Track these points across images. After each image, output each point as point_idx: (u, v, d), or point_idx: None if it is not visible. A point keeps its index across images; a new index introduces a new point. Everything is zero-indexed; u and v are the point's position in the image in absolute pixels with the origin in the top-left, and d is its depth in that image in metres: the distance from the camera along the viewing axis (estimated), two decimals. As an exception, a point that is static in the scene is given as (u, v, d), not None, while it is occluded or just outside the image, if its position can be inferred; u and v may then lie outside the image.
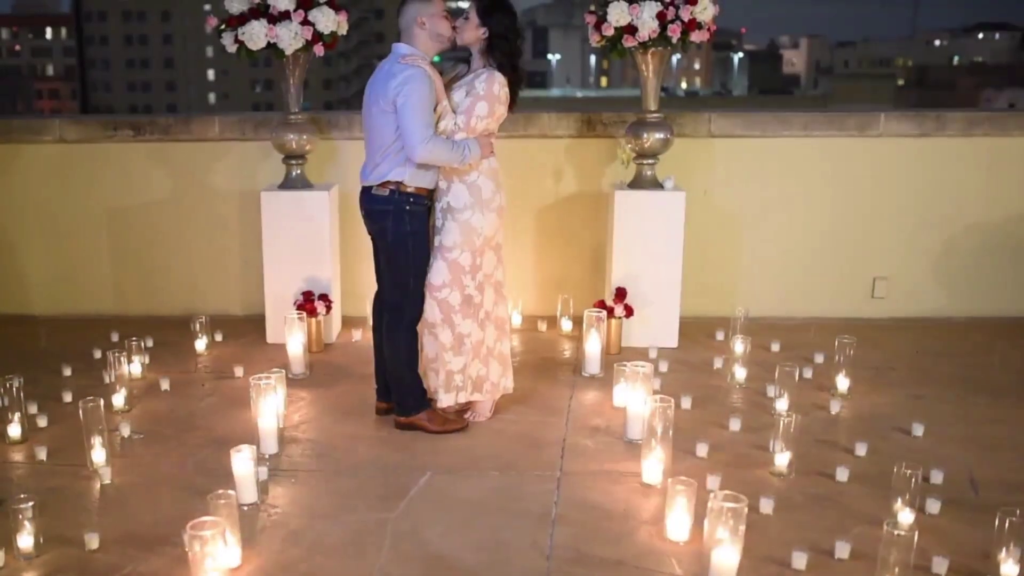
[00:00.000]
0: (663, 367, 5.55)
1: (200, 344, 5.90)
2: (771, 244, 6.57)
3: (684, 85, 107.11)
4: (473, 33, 4.46)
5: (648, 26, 5.38)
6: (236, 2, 5.54)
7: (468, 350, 4.66)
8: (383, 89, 4.38)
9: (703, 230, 6.36)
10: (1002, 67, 79.69)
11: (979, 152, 6.45)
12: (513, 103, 4.57)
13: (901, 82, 78.53)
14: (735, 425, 4.72)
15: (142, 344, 5.59)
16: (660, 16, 5.38)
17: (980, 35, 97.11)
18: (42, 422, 4.78)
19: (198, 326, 5.89)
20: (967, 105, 57.39)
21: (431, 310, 4.59)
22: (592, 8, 5.69)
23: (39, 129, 6.59)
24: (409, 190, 4.45)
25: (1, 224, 6.67)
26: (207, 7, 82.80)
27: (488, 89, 4.42)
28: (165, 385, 5.30)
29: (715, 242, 6.50)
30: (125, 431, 4.67)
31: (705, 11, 5.47)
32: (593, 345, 5.46)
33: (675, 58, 5.70)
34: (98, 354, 5.72)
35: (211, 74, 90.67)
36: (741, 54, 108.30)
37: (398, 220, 4.47)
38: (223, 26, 5.60)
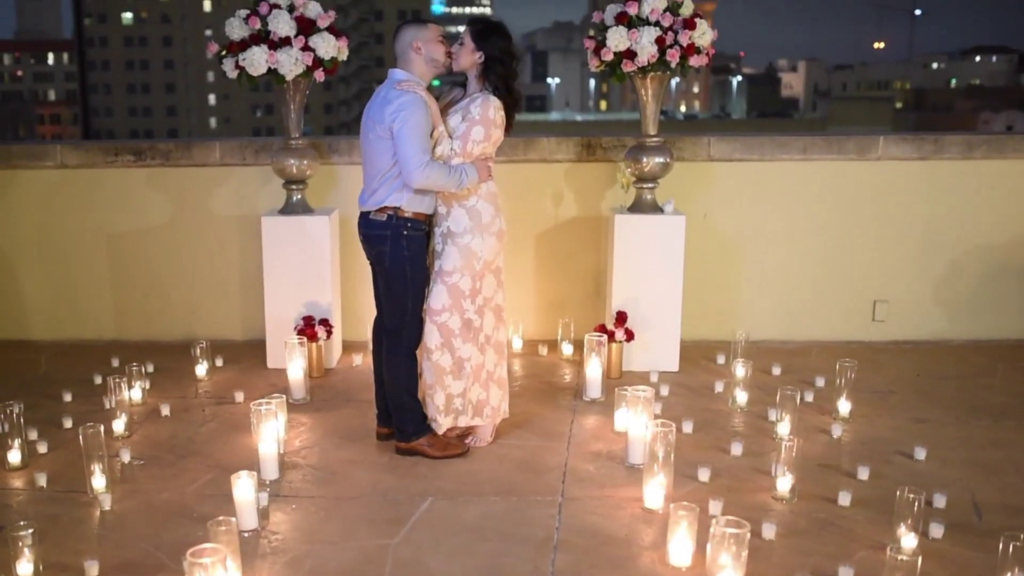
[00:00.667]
0: (664, 391, 5.54)
1: (200, 369, 5.89)
2: (771, 267, 6.58)
3: (683, 108, 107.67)
4: (469, 58, 4.49)
5: (647, 51, 5.41)
6: (237, 28, 5.57)
7: (468, 374, 4.66)
8: (379, 115, 4.40)
9: (703, 253, 6.37)
10: (999, 90, 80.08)
11: (978, 175, 6.47)
12: (509, 126, 4.59)
13: (899, 105, 78.90)
14: (737, 449, 4.71)
15: (142, 369, 5.58)
16: (659, 41, 5.41)
17: (977, 58, 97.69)
18: (42, 448, 4.76)
19: (198, 351, 5.89)
20: (965, 127, 57.65)
21: (431, 334, 4.59)
22: (591, 33, 5.72)
23: (40, 154, 6.61)
24: (407, 215, 4.47)
25: (1, 249, 6.67)
26: (208, 32, 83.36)
27: (483, 113, 4.44)
28: (165, 411, 5.29)
29: (715, 265, 6.50)
30: (125, 457, 4.66)
31: (704, 36, 5.50)
32: (594, 369, 5.46)
33: (674, 82, 5.73)
34: (98, 379, 5.72)
35: (212, 99, 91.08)
36: (740, 77, 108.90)
37: (395, 245, 4.48)
38: (224, 52, 5.63)
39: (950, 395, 5.60)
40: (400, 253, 4.49)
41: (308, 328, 5.83)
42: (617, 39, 5.44)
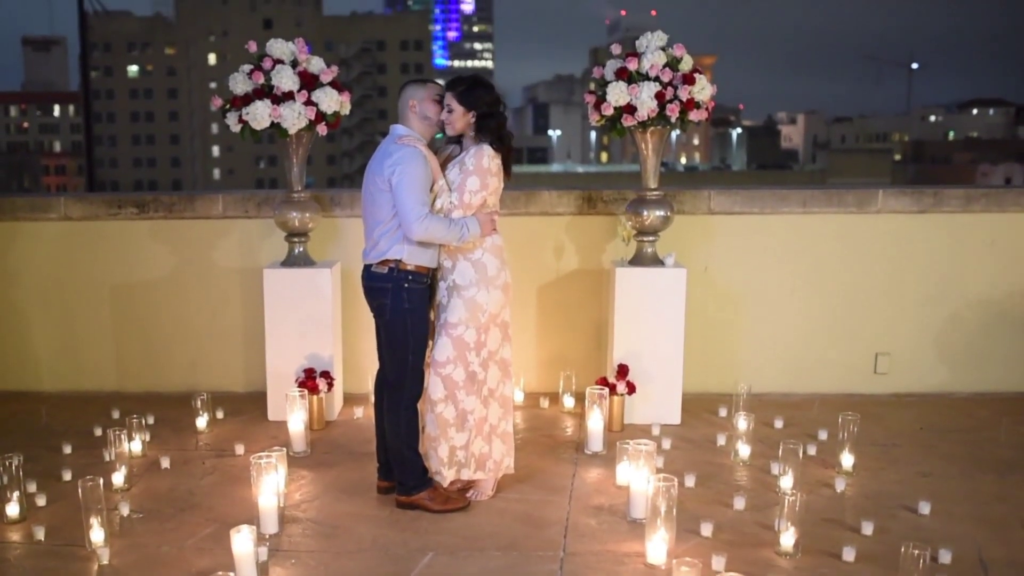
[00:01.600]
0: (666, 444, 5.52)
1: (201, 421, 5.87)
2: (772, 320, 6.58)
3: (684, 160, 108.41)
4: (463, 120, 4.54)
5: (647, 106, 5.46)
6: (241, 83, 5.63)
7: (471, 426, 4.65)
8: (379, 167, 4.48)
9: (704, 306, 6.38)
10: (997, 142, 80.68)
11: (978, 228, 6.50)
12: (508, 173, 4.64)
13: (898, 157, 79.46)
14: (740, 503, 4.67)
15: (143, 421, 5.56)
16: (659, 96, 5.47)
17: (974, 111, 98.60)
18: (41, 501, 4.74)
19: (199, 403, 5.87)
20: (964, 179, 58.04)
21: (435, 386, 4.59)
22: (592, 88, 5.79)
23: (44, 207, 6.66)
24: (408, 268, 4.49)
25: (5, 300, 6.69)
26: (212, 85, 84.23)
27: (477, 163, 4.50)
28: (165, 463, 5.27)
29: (716, 318, 6.51)
30: (124, 510, 4.63)
31: (703, 91, 5.56)
32: (595, 422, 5.44)
33: (674, 134, 5.77)
34: (99, 431, 5.71)
35: (216, 150, 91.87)
36: (739, 129, 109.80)
37: (396, 297, 4.51)
38: (227, 106, 5.69)
39: (954, 448, 5.57)
40: (401, 306, 4.51)
41: (309, 380, 5.82)
42: (617, 94, 5.50)
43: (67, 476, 5.05)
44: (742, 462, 5.28)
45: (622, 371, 5.82)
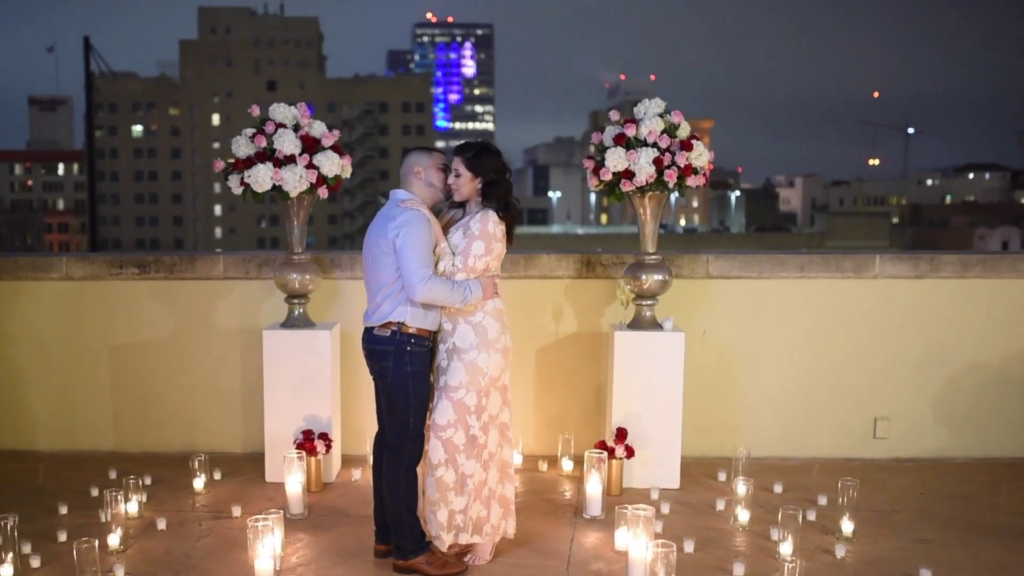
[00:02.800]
0: (665, 509, 5.49)
1: (198, 482, 5.85)
2: (771, 384, 6.59)
3: (683, 222, 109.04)
4: (470, 186, 4.60)
5: (645, 172, 5.52)
6: (243, 146, 5.70)
7: (470, 490, 4.64)
8: (382, 230, 4.51)
9: (703, 370, 6.39)
10: (993, 206, 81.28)
11: (975, 293, 6.54)
12: (511, 239, 4.68)
13: (896, 220, 79.92)
14: (739, 570, 4.64)
15: (139, 482, 5.54)
16: (657, 162, 5.54)
17: (971, 175, 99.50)
18: (35, 563, 4.70)
19: (196, 464, 5.85)
20: (962, 243, 58.30)
21: (435, 450, 4.59)
22: (591, 153, 5.86)
23: (46, 267, 6.70)
24: (411, 331, 4.52)
25: (4, 358, 6.70)
26: (216, 145, 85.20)
27: (483, 228, 4.54)
28: (162, 524, 5.23)
29: (715, 382, 6.52)
30: (119, 573, 4.59)
31: (700, 157, 5.63)
32: (594, 486, 5.42)
33: (673, 196, 5.83)
34: (95, 492, 5.68)
35: (218, 209, 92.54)
36: (738, 192, 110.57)
37: (399, 360, 4.52)
38: (230, 169, 5.76)
39: (954, 515, 5.54)
40: (403, 369, 4.52)
41: (307, 442, 5.81)
42: (616, 160, 5.56)
43: (62, 537, 5.01)
44: (741, 527, 5.25)
45: (621, 435, 5.82)
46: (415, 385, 4.56)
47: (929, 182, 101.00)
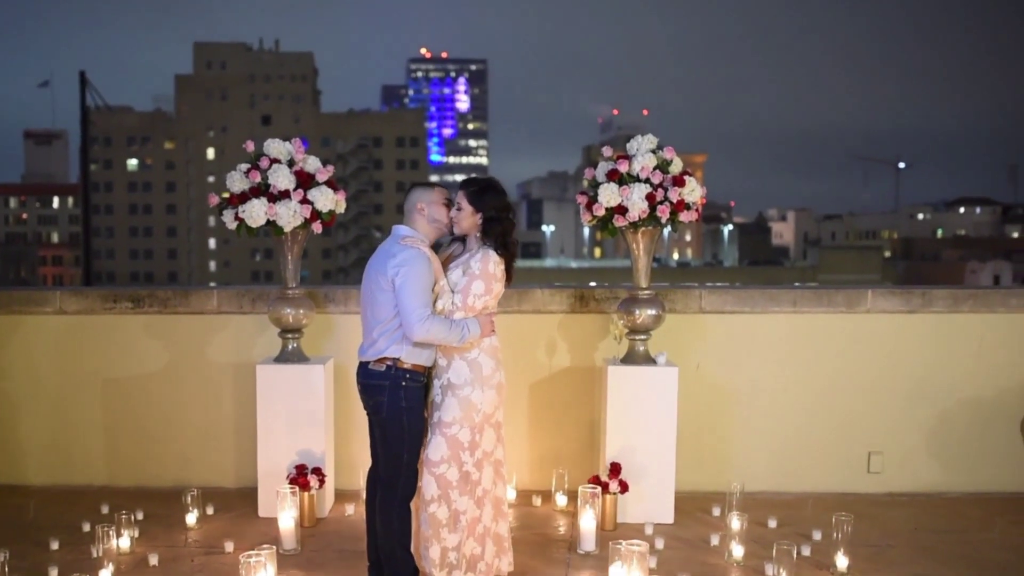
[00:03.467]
0: (659, 544, 5.47)
1: (191, 517, 5.82)
2: (764, 418, 6.59)
3: (676, 256, 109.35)
4: (470, 221, 4.63)
5: (638, 207, 5.57)
6: (238, 181, 5.72)
7: (463, 527, 4.62)
8: (382, 267, 4.52)
9: (697, 404, 6.40)
10: (985, 240, 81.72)
11: (967, 328, 6.57)
12: (509, 278, 4.71)
13: (888, 253, 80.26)
14: (733, 606, 4.62)
15: (132, 517, 5.51)
16: (649, 198, 5.58)
17: (962, 209, 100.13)
18: (25, 600, 4.67)
19: (189, 499, 5.83)
20: (953, 276, 58.50)
21: (428, 485, 4.58)
22: (584, 189, 5.90)
23: (40, 301, 6.70)
24: (406, 366, 4.52)
25: (-2, 394, 6.68)
26: (211, 179, 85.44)
27: (483, 268, 4.56)
28: (153, 560, 5.20)
29: (709, 417, 6.52)
30: (110, 610, 4.56)
31: (693, 193, 5.68)
32: (588, 521, 5.40)
33: (666, 231, 5.87)
34: (87, 527, 5.64)
35: (212, 243, 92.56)
36: (731, 226, 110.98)
37: (393, 395, 4.52)
38: (224, 203, 5.79)
39: (949, 550, 5.53)
40: (398, 404, 4.52)
41: (300, 477, 5.79)
42: (609, 195, 5.61)
43: (54, 573, 4.97)
44: (736, 563, 5.23)
45: (615, 469, 5.81)
46: (410, 420, 4.56)
47: (920, 216, 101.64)
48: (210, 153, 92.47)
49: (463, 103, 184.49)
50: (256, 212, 5.63)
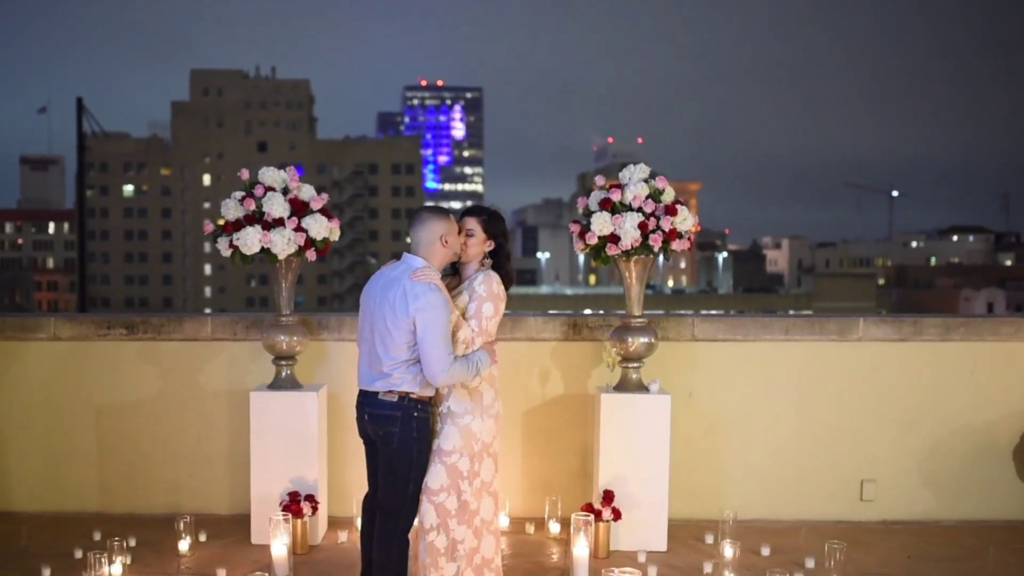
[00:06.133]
0: (652, 572, 5.46)
1: (183, 544, 5.80)
2: (757, 446, 6.60)
3: (671, 283, 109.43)
4: (480, 248, 4.67)
5: (630, 236, 5.60)
6: (232, 209, 5.75)
7: (461, 556, 4.62)
8: (402, 307, 4.39)
9: (689, 432, 6.41)
10: (978, 268, 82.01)
11: (958, 356, 6.60)
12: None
13: (881, 281, 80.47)
14: (726, 634, 4.62)
15: (124, 544, 5.49)
16: (642, 226, 5.62)
17: (955, 237, 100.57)
18: (16, 628, 4.65)
19: (182, 525, 5.81)
20: (947, 304, 58.66)
21: (427, 513, 4.57)
22: (577, 217, 5.94)
23: (34, 327, 6.70)
24: (416, 397, 4.50)
25: (-10, 420, 6.67)
26: (207, 205, 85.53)
27: (488, 289, 4.60)
28: (144, 588, 5.19)
29: (701, 444, 6.53)
30: (100, 638, 4.54)
31: (685, 222, 5.72)
32: (581, 549, 5.39)
33: (660, 259, 5.91)
34: (79, 553, 5.62)
35: (208, 268, 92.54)
36: (725, 253, 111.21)
37: (406, 426, 4.49)
38: (219, 231, 5.81)
39: (941, 578, 5.54)
40: (410, 435, 4.50)
41: (293, 504, 5.78)
42: (601, 224, 5.64)
43: (44, 601, 4.96)
44: (728, 591, 5.23)
45: (607, 497, 5.81)
46: (419, 451, 4.54)
47: (914, 244, 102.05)
48: (206, 179, 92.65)
49: (459, 130, 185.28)
50: (250, 240, 5.66)
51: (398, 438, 4.50)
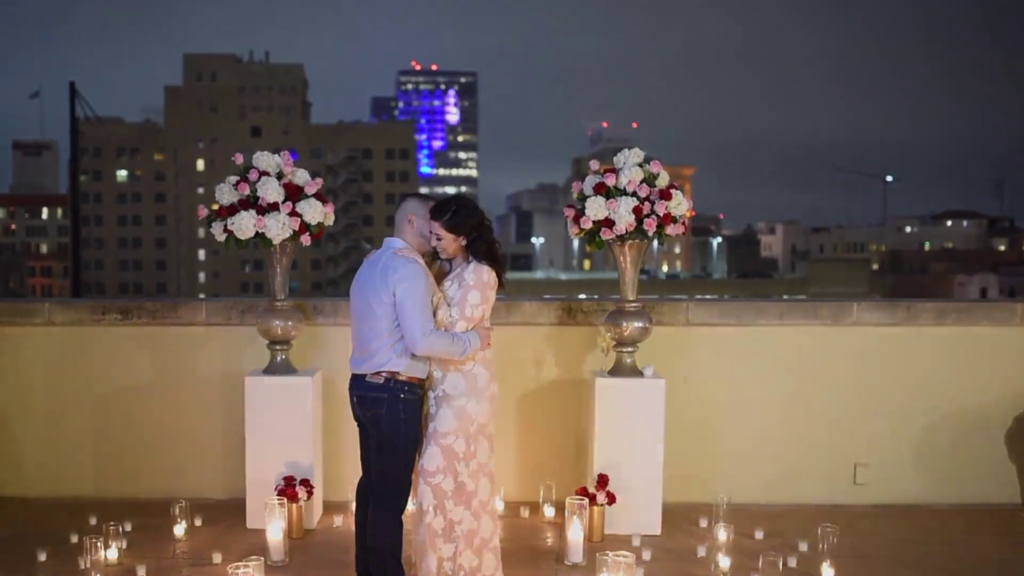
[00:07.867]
0: (646, 555, 5.49)
1: (179, 529, 5.81)
2: (751, 430, 6.63)
3: (665, 268, 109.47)
4: (454, 246, 4.66)
5: (625, 220, 5.60)
6: (227, 193, 5.74)
7: (459, 537, 4.64)
8: (382, 281, 4.50)
9: (684, 416, 6.43)
10: (972, 252, 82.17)
11: (951, 341, 6.63)
12: (501, 283, 4.75)
13: (876, 266, 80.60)
14: (719, 617, 4.65)
15: (120, 529, 5.51)
16: (636, 211, 5.61)
17: (949, 222, 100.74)
18: (12, 612, 4.66)
19: (177, 510, 5.82)
20: (941, 289, 58.75)
21: (424, 495, 4.60)
22: (572, 202, 5.94)
23: (28, 312, 6.70)
24: (404, 379, 4.54)
25: (-15, 406, 6.67)
26: (200, 190, 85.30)
27: (477, 278, 4.60)
28: (142, 572, 5.19)
29: (696, 428, 6.55)
30: (97, 622, 4.56)
31: (679, 206, 5.72)
32: (575, 533, 5.42)
33: (655, 243, 5.91)
34: (75, 538, 5.62)
35: (202, 254, 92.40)
36: (720, 238, 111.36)
37: (392, 408, 4.53)
38: (213, 216, 5.80)
39: (935, 562, 5.57)
40: (396, 416, 4.53)
41: (288, 488, 5.80)
42: (596, 208, 5.64)
43: (40, 585, 4.98)
44: (723, 574, 5.26)
45: (602, 481, 5.83)
46: (407, 432, 4.57)
47: (908, 229, 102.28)
48: (200, 164, 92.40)
49: (453, 115, 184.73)
50: (245, 224, 5.65)
51: (385, 420, 4.54)
